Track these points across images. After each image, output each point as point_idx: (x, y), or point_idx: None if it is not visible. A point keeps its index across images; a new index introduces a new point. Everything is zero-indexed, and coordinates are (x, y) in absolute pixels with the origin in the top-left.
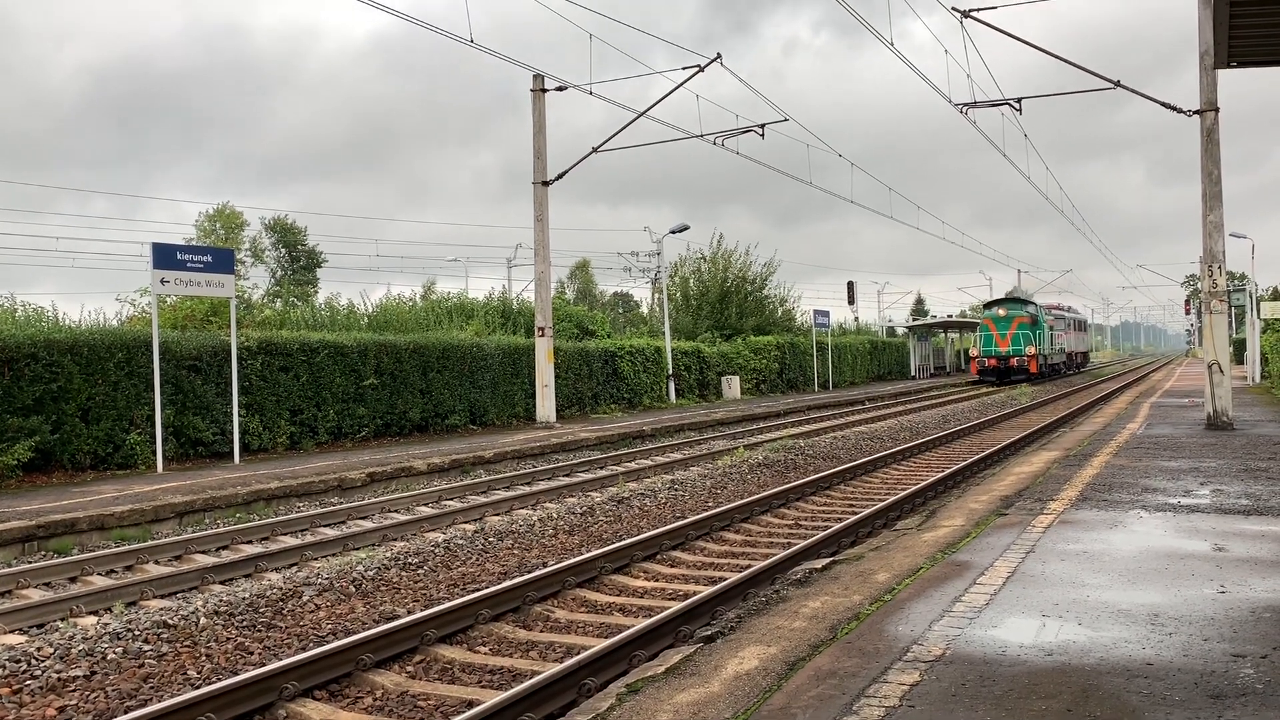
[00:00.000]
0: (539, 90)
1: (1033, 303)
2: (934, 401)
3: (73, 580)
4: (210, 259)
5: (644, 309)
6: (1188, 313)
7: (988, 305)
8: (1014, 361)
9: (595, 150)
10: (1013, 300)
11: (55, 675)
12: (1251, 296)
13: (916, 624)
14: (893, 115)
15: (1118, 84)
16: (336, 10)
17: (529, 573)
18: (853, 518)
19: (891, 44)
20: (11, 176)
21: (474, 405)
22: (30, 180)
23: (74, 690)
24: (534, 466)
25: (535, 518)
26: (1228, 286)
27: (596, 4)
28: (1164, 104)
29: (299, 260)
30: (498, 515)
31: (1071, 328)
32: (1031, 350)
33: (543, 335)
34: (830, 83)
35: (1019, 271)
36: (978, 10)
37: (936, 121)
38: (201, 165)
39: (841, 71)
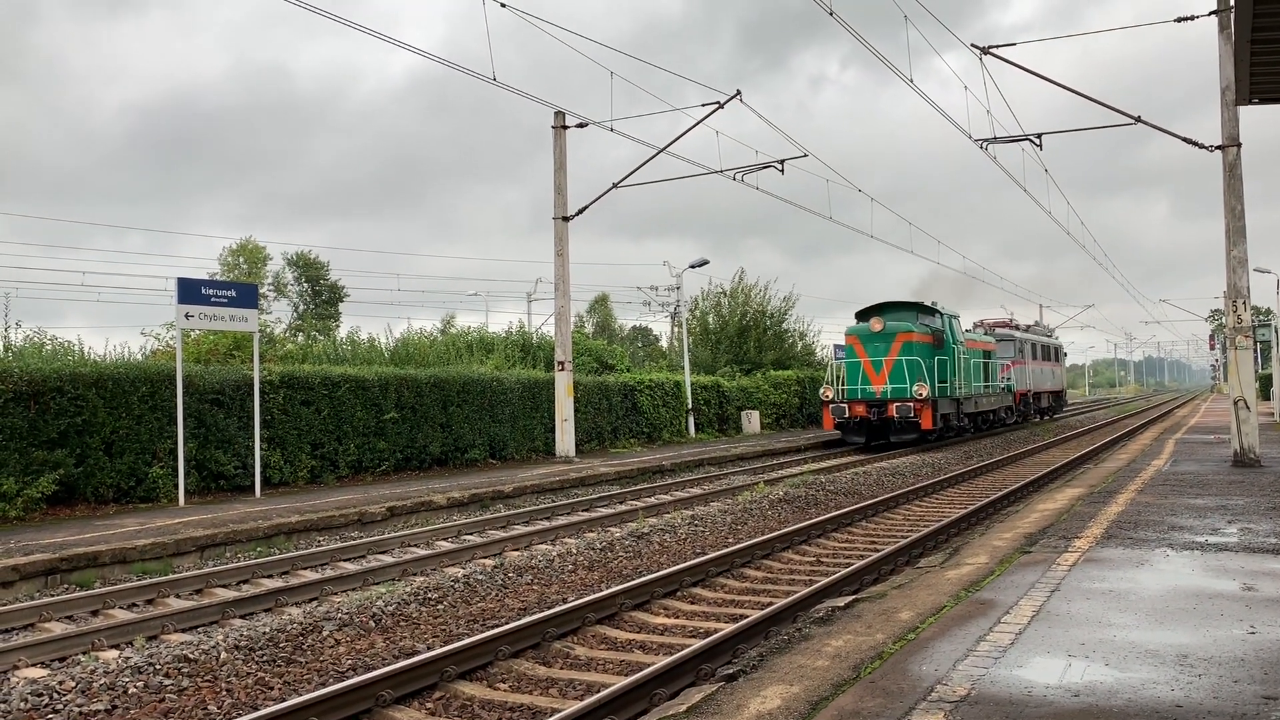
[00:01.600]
0: (560, 127)
1: (938, 312)
2: (956, 438)
3: (94, 613)
4: (234, 294)
5: (663, 343)
6: (1212, 348)
7: (859, 315)
8: (893, 410)
9: (616, 185)
10: (900, 307)
11: (77, 709)
12: (1277, 331)
13: (941, 663)
14: (918, 150)
15: (1138, 119)
16: (375, 51)
17: (549, 609)
18: (875, 555)
19: (911, 80)
20: (53, 211)
21: (493, 439)
22: (69, 215)
23: None
24: (553, 501)
25: (555, 553)
26: (1253, 322)
27: (619, 42)
28: (1186, 139)
29: (321, 295)
30: (517, 550)
31: (1037, 356)
32: (923, 391)
33: (562, 369)
34: (857, 118)
35: (1040, 306)
36: (997, 47)
37: (961, 156)
38: (235, 202)
39: (868, 107)
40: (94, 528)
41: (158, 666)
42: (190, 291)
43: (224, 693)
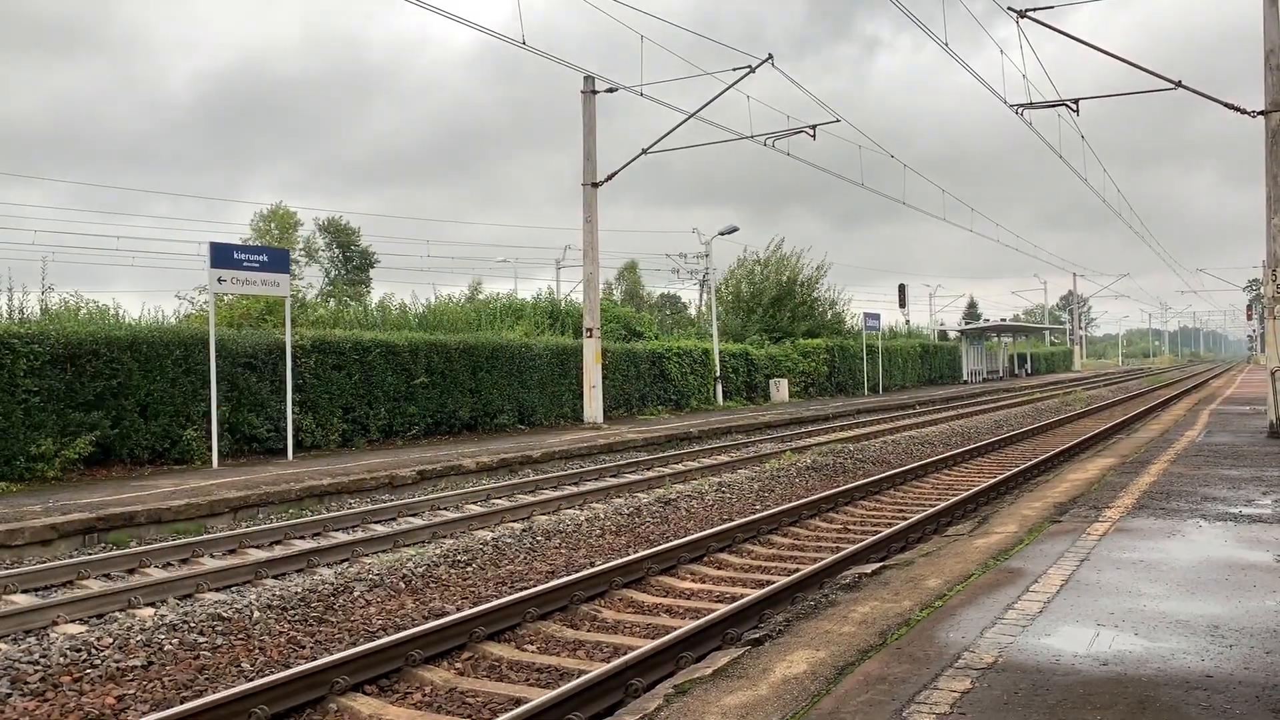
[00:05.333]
0: (589, 92)
1: None
2: (987, 406)
3: (131, 572)
4: (266, 258)
5: (691, 311)
6: (1249, 318)
7: None
8: None
9: (645, 151)
10: None
11: (114, 664)
12: None
13: (968, 631)
14: (962, 117)
15: (1179, 84)
16: (443, 21)
17: (576, 572)
18: (903, 523)
19: (946, 44)
20: (118, 178)
21: (522, 405)
22: (135, 181)
23: (132, 680)
24: (581, 467)
25: (582, 518)
26: None
27: (657, 9)
28: (1227, 104)
29: (352, 260)
30: (545, 514)
31: None
32: None
33: (591, 336)
34: (909, 83)
35: (1075, 275)
36: (1035, 10)
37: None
38: (295, 168)
39: (922, 72)
40: (130, 488)
41: (192, 624)
42: (223, 256)
43: (257, 650)
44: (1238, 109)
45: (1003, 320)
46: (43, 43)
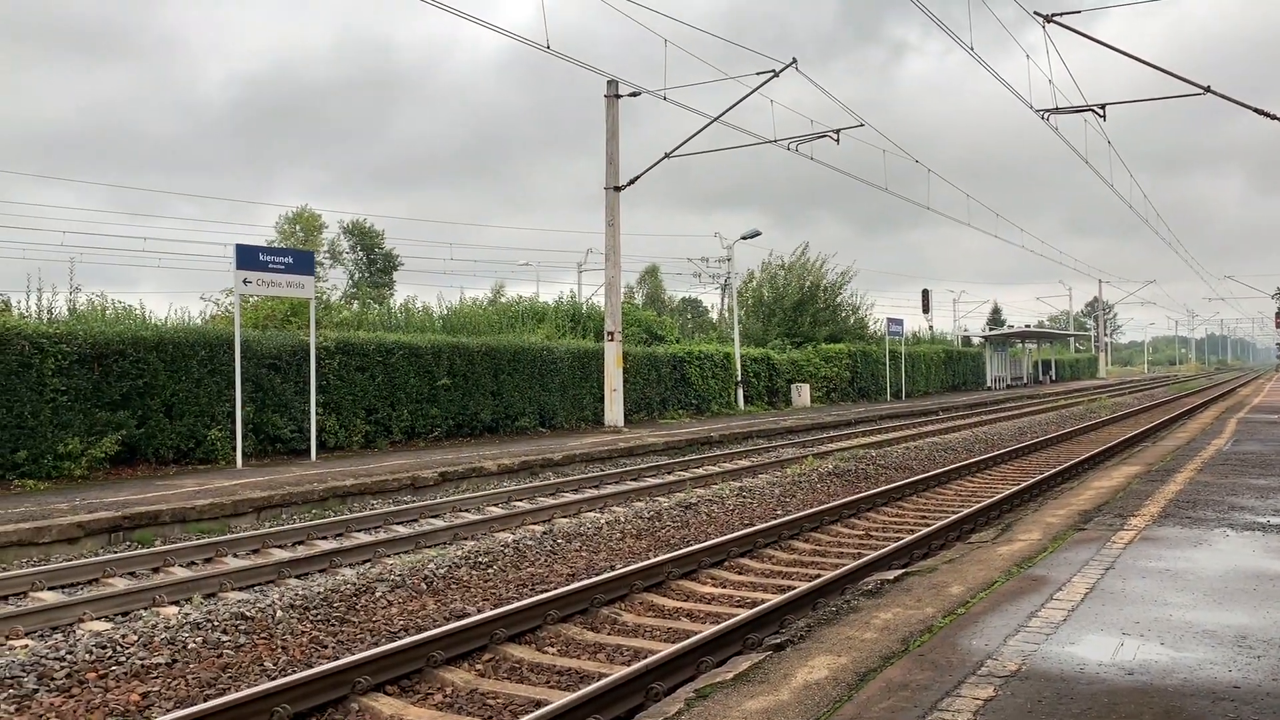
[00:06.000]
0: (612, 96)
1: None
2: (1010, 413)
3: (155, 571)
4: (291, 260)
5: (713, 315)
6: (1278, 325)
7: None
8: None
9: (668, 155)
10: None
11: (139, 662)
12: None
13: (991, 638)
14: (987, 122)
15: (1207, 89)
16: (472, 25)
17: (596, 575)
18: (925, 529)
19: (971, 49)
20: (148, 180)
21: (543, 408)
22: (164, 183)
23: (156, 677)
24: (602, 470)
25: (603, 521)
26: None
27: (684, 13)
28: (1256, 110)
29: (375, 263)
30: (566, 517)
31: None
32: None
33: (612, 340)
34: (935, 88)
35: (1100, 282)
36: (1061, 15)
37: (1027, 129)
38: (321, 171)
39: (947, 76)
40: (155, 488)
41: (216, 623)
42: (248, 258)
43: (279, 650)
44: (1268, 114)
45: (1027, 326)
46: (81, 46)
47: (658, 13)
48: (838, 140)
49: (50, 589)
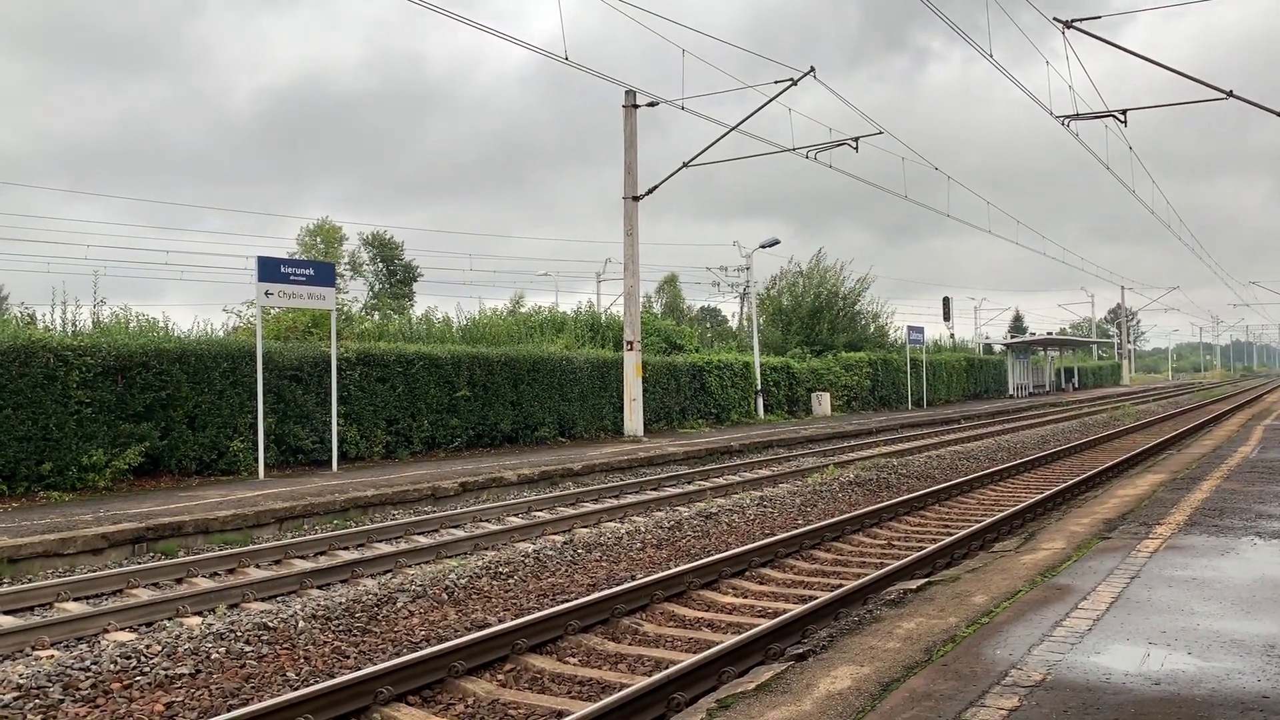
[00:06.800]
0: (630, 106)
1: None
2: (1033, 421)
3: (179, 581)
4: (312, 272)
5: (732, 324)
6: None
7: None
8: None
9: (686, 164)
10: None
11: (163, 672)
12: None
13: (1015, 648)
14: (1009, 129)
15: (1230, 94)
16: (498, 37)
17: (617, 585)
18: (948, 538)
19: (990, 54)
20: (177, 193)
21: (563, 418)
22: (193, 196)
23: (180, 687)
24: (621, 480)
25: (623, 531)
26: None
27: (693, 21)
28: (1279, 114)
29: (395, 274)
30: (586, 527)
31: None
32: None
33: (631, 349)
34: (957, 95)
35: (1123, 288)
36: (1081, 20)
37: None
38: (348, 183)
39: (969, 84)
40: (178, 499)
41: (239, 633)
42: (270, 270)
43: (301, 660)
44: None
45: (1049, 334)
46: (114, 62)
47: (676, 23)
48: (856, 148)
49: (75, 600)
